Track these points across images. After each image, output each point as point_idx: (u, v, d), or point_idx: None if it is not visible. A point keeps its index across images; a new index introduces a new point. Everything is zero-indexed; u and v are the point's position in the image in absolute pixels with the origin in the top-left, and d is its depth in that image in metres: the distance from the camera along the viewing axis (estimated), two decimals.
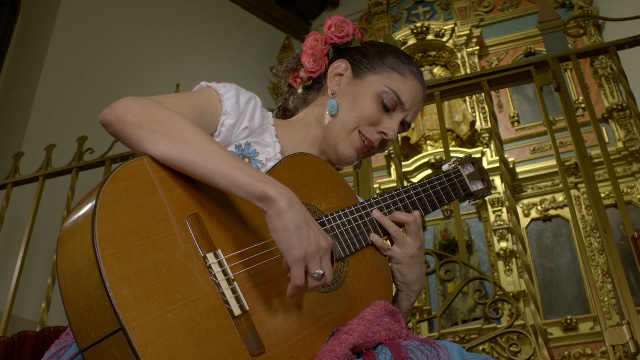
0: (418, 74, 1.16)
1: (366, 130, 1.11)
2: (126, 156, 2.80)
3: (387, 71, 1.13)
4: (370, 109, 1.10)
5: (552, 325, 5.37)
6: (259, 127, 1.06)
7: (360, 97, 1.11)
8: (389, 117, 1.11)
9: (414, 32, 7.06)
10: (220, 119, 1.01)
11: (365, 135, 1.11)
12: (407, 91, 1.12)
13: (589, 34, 6.50)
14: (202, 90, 1.04)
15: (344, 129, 1.11)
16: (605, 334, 1.79)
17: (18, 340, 2.01)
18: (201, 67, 6.41)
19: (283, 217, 0.79)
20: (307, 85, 1.19)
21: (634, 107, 2.21)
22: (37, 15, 5.31)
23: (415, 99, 1.14)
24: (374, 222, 1.06)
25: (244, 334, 0.77)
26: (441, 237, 5.98)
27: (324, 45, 1.18)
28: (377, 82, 1.12)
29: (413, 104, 1.13)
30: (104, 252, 0.69)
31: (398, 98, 1.11)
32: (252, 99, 1.07)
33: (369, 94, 1.11)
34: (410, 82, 1.13)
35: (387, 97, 1.10)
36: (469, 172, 1.22)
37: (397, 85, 1.11)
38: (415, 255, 1.06)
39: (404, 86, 1.12)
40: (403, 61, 1.15)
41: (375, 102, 1.10)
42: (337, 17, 1.19)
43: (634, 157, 5.75)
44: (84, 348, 0.70)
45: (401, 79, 1.12)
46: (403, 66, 1.14)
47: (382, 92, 1.10)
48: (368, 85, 1.12)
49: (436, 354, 0.85)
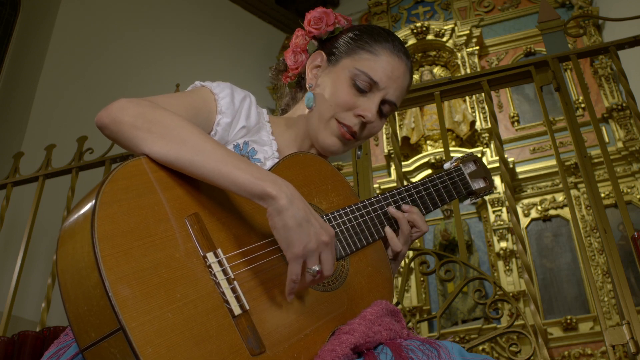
0: (395, 48, 1.11)
1: (343, 116, 1.08)
2: (126, 156, 2.80)
3: (358, 52, 1.09)
4: (342, 95, 1.07)
5: (552, 325, 5.37)
6: (255, 125, 1.06)
7: (333, 85, 1.09)
8: (367, 98, 1.08)
9: (414, 32, 7.07)
10: (216, 118, 1.01)
11: (343, 122, 1.08)
12: (381, 69, 1.08)
13: (589, 34, 6.51)
14: (196, 89, 1.04)
15: (321, 119, 1.09)
16: (605, 334, 1.79)
17: (18, 340, 2.01)
18: (201, 67, 6.41)
19: (283, 215, 0.79)
20: (292, 82, 1.19)
21: (634, 107, 2.21)
22: (37, 15, 5.31)
23: (392, 74, 1.08)
24: (375, 221, 1.06)
25: (244, 333, 0.77)
26: (441, 237, 5.98)
27: (305, 39, 1.16)
28: (349, 65, 1.09)
29: (390, 81, 1.08)
30: (104, 252, 0.69)
31: (370, 78, 1.07)
32: (246, 97, 1.07)
33: (341, 79, 1.08)
34: (384, 59, 1.08)
35: (359, 80, 1.07)
36: (470, 170, 1.22)
37: (368, 65, 1.07)
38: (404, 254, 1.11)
39: (377, 64, 1.08)
40: (376, 39, 1.11)
41: (348, 87, 1.08)
42: (317, 10, 1.16)
43: (634, 157, 5.75)
44: (84, 348, 0.70)
45: (372, 58, 1.08)
46: (376, 44, 1.10)
47: (353, 75, 1.07)
48: (341, 70, 1.09)
49: (437, 354, 0.85)
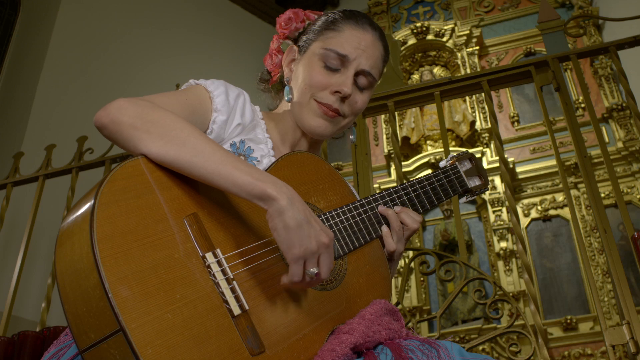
0: (360, 21, 1.12)
1: (320, 96, 1.09)
2: (126, 156, 2.80)
3: (323, 33, 1.12)
4: (315, 75, 1.09)
5: (552, 325, 5.37)
6: (250, 122, 1.07)
7: (305, 69, 1.11)
8: (340, 74, 1.09)
9: (414, 32, 7.07)
10: (212, 116, 1.01)
11: (321, 101, 1.09)
12: (347, 42, 1.09)
13: (589, 34, 6.50)
14: (191, 88, 1.04)
15: (300, 104, 1.11)
16: (605, 334, 1.79)
17: (18, 340, 2.01)
18: (201, 67, 6.41)
19: (284, 216, 0.79)
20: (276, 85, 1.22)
21: (634, 107, 2.21)
22: (37, 15, 5.31)
23: (360, 45, 1.09)
24: (372, 220, 1.06)
25: (243, 333, 0.77)
26: (441, 237, 5.98)
27: (278, 42, 1.19)
28: (316, 48, 1.11)
29: (359, 51, 1.09)
30: (103, 253, 0.69)
31: (337, 53, 1.08)
32: (240, 94, 1.08)
33: (312, 62, 1.10)
34: (348, 32, 1.10)
35: (328, 58, 1.08)
36: (466, 168, 1.22)
37: (333, 42, 1.09)
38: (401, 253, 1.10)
39: (342, 39, 1.09)
40: (338, 18, 1.13)
41: (319, 67, 1.09)
42: (286, 12, 1.18)
43: (634, 157, 5.75)
44: (84, 349, 0.70)
45: (337, 34, 1.10)
46: (339, 22, 1.12)
47: (322, 55, 1.09)
48: (311, 55, 1.11)
49: (437, 354, 0.85)
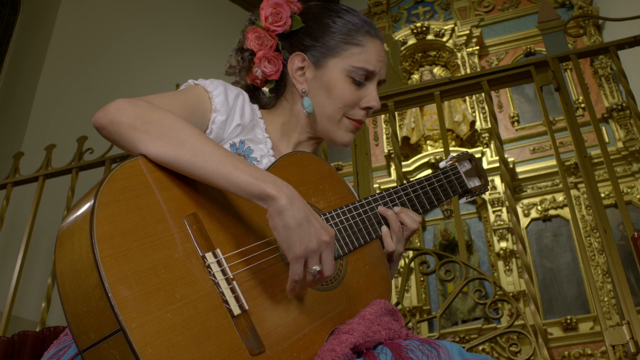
0: (371, 31, 1.11)
1: (352, 113, 1.10)
2: (126, 156, 2.80)
3: (344, 48, 1.09)
4: (347, 95, 1.08)
5: (552, 325, 5.37)
6: (249, 122, 1.06)
7: (333, 87, 1.08)
8: (365, 88, 1.10)
9: (414, 32, 7.07)
10: (211, 116, 1.01)
11: (354, 118, 1.10)
12: (372, 57, 1.09)
13: (589, 34, 6.50)
14: (190, 88, 1.04)
15: (332, 121, 1.10)
16: (605, 334, 1.79)
17: (18, 340, 2.01)
18: (201, 67, 6.40)
19: (284, 215, 0.79)
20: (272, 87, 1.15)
21: (634, 107, 2.21)
22: (37, 15, 5.31)
23: (380, 57, 1.11)
24: (371, 220, 1.06)
25: (243, 333, 0.77)
26: (441, 237, 5.98)
27: (270, 40, 1.13)
28: (341, 64, 1.08)
29: (381, 63, 1.11)
30: (103, 253, 0.69)
31: (367, 70, 1.09)
32: (239, 94, 1.07)
33: (339, 80, 1.08)
34: (370, 47, 1.10)
35: (357, 75, 1.08)
36: (466, 169, 1.22)
37: (360, 59, 1.08)
38: (401, 254, 1.10)
39: (367, 55, 1.09)
40: (351, 28, 1.10)
41: (349, 85, 1.08)
42: (267, 3, 1.13)
43: (634, 157, 5.75)
44: (83, 349, 0.70)
45: (361, 50, 1.09)
46: (357, 34, 1.10)
47: (350, 72, 1.08)
48: (333, 71, 1.09)
49: (436, 354, 0.85)
